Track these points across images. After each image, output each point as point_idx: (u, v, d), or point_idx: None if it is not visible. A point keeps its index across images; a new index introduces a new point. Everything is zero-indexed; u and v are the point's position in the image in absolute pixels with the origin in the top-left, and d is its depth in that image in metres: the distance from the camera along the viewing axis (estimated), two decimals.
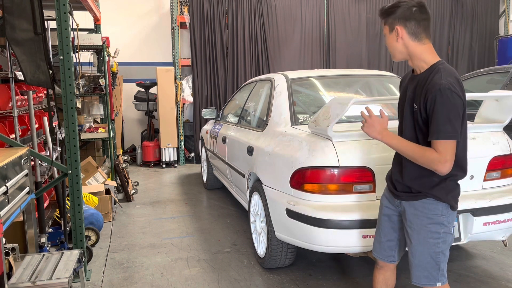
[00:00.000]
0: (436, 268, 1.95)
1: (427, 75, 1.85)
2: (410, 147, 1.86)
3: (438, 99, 1.75)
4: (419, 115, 1.85)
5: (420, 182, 1.91)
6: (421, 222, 1.93)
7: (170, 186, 6.19)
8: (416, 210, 1.94)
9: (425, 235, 1.92)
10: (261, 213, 3.30)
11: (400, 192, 2.01)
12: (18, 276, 2.38)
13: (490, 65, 8.47)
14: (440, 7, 8.58)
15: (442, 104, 1.75)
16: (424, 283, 1.97)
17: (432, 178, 1.88)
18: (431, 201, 1.91)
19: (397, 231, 2.11)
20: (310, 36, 8.02)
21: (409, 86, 1.96)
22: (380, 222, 2.17)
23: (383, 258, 2.17)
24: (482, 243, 3.63)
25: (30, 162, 2.82)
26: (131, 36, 8.03)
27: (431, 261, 1.94)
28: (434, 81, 1.78)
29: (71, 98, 2.94)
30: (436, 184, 1.89)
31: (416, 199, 1.94)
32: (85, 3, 4.77)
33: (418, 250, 1.95)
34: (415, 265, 1.97)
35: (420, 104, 1.83)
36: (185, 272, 3.27)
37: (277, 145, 3.09)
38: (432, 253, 1.93)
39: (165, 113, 7.42)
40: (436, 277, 1.96)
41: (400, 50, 1.91)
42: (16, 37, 2.80)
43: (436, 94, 1.75)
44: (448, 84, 1.74)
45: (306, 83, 3.78)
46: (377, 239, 2.20)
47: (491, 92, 2.85)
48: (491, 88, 4.74)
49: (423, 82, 1.84)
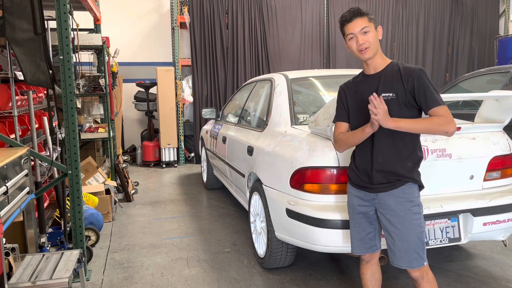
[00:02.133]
0: (422, 247, 2.10)
1: (393, 68, 2.09)
2: (423, 122, 2.00)
3: (424, 76, 2.01)
4: (398, 100, 2.03)
5: (400, 168, 2.08)
6: (404, 207, 2.08)
7: (170, 186, 6.19)
8: (398, 197, 2.08)
9: (409, 218, 2.07)
10: (261, 213, 3.30)
11: (377, 184, 2.11)
12: (18, 276, 2.38)
13: (490, 65, 8.47)
14: (440, 7, 8.59)
15: (428, 81, 2.01)
16: (415, 265, 2.10)
17: (408, 163, 2.08)
18: (410, 186, 2.09)
19: (373, 223, 2.24)
20: (310, 36, 8.02)
21: (365, 87, 2.14)
22: (355, 221, 2.27)
23: (367, 250, 2.28)
24: (482, 243, 3.63)
25: (30, 162, 2.82)
26: (131, 36, 8.03)
27: (418, 241, 2.08)
28: (409, 68, 2.05)
29: (71, 98, 2.94)
30: (411, 169, 2.09)
31: (396, 187, 2.08)
32: (85, 3, 4.77)
33: (406, 234, 2.07)
34: (405, 250, 2.09)
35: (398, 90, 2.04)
36: (185, 272, 3.27)
37: (277, 145, 3.09)
38: (418, 234, 2.08)
39: (165, 113, 7.42)
40: (423, 257, 2.11)
41: (377, 47, 2.11)
42: (16, 37, 2.80)
43: (420, 74, 2.01)
44: (422, 68, 2.05)
45: (306, 83, 3.78)
46: (355, 237, 2.29)
47: (491, 92, 2.85)
48: (491, 88, 4.73)
49: (393, 74, 2.07)
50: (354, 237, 2.30)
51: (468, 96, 4.81)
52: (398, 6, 8.40)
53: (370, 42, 2.07)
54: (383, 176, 2.10)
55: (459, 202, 2.62)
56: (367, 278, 2.37)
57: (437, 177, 2.69)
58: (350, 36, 2.10)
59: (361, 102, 2.14)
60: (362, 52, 2.08)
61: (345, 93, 2.26)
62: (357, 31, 2.07)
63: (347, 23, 2.10)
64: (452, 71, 8.77)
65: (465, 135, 2.77)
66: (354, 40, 2.09)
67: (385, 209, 2.12)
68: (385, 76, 2.09)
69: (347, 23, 2.10)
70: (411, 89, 2.01)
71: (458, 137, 2.74)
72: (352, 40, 2.10)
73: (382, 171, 2.10)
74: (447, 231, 2.63)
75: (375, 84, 2.11)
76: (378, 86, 2.09)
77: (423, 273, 2.12)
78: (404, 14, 8.44)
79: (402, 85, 2.03)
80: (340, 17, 2.15)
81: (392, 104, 2.03)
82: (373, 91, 2.05)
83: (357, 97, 2.18)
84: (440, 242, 2.61)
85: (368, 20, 2.08)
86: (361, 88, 2.18)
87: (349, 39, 2.11)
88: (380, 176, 2.10)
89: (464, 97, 4.89)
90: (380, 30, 2.13)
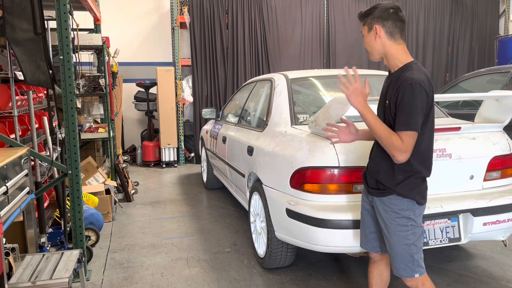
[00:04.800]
0: (410, 260, 2.03)
1: (400, 72, 1.95)
2: (381, 127, 1.91)
3: (408, 91, 1.85)
4: (389, 110, 1.96)
5: (385, 178, 2.02)
6: (389, 216, 2.04)
7: (170, 186, 6.19)
8: (385, 206, 2.05)
9: (394, 228, 2.03)
10: (261, 213, 3.30)
11: (371, 188, 2.12)
12: (18, 276, 2.38)
13: (490, 65, 8.47)
14: (440, 7, 8.58)
15: (411, 97, 1.85)
16: (403, 274, 2.06)
17: (397, 176, 1.99)
18: (397, 197, 2.01)
19: (377, 224, 2.21)
20: (310, 36, 8.02)
21: (384, 85, 2.08)
22: (362, 216, 2.27)
23: (370, 248, 2.28)
24: (482, 243, 3.63)
25: (30, 162, 2.82)
26: (131, 36, 8.02)
27: (404, 253, 2.02)
28: (406, 76, 1.90)
29: (71, 98, 2.94)
30: (400, 182, 1.99)
31: (383, 195, 2.05)
32: (85, 3, 4.77)
33: (392, 243, 2.05)
34: (392, 257, 2.08)
35: (391, 98, 1.94)
36: (185, 272, 3.27)
37: (277, 145, 3.09)
38: (404, 245, 2.02)
39: (165, 113, 7.42)
40: (413, 269, 2.04)
41: (377, 48, 2.01)
42: (16, 37, 2.80)
43: (407, 87, 1.86)
44: (419, 80, 1.86)
45: (306, 83, 3.78)
46: (362, 232, 2.30)
47: (491, 92, 2.84)
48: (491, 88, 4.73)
49: (396, 79, 1.95)
50: (361, 231, 2.31)
51: (468, 96, 4.82)
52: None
53: (370, 46, 2.04)
54: (374, 182, 2.10)
55: (459, 202, 2.62)
56: (372, 277, 2.35)
57: (437, 177, 2.68)
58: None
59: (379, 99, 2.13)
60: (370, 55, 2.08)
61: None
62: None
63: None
64: (452, 71, 8.77)
65: (465, 135, 2.77)
66: None
67: (377, 213, 2.13)
68: (392, 80, 2.00)
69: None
70: (395, 100, 1.91)
71: (458, 137, 2.74)
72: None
73: (373, 177, 2.11)
74: (447, 231, 2.64)
75: (385, 86, 2.06)
76: (384, 89, 2.06)
77: (417, 283, 2.06)
78: (404, 14, 8.41)
79: (395, 93, 1.93)
80: None
81: (387, 111, 1.98)
82: (384, 93, 2.04)
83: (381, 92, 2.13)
84: (440, 242, 2.61)
85: (363, 23, 2.06)
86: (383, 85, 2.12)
87: None
88: (372, 181, 2.11)
89: (464, 97, 4.89)
90: (377, 30, 1.98)
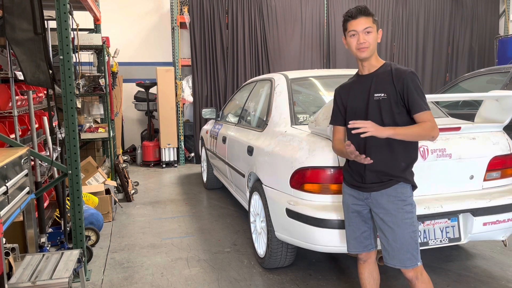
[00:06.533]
0: (415, 247, 2.10)
1: (385, 69, 2.12)
2: (415, 128, 2.02)
3: (414, 79, 2.04)
4: (389, 101, 2.06)
5: (391, 167, 2.10)
6: (397, 206, 2.09)
7: (170, 186, 6.19)
8: (390, 196, 2.10)
9: (402, 217, 2.08)
10: (261, 213, 3.30)
11: (369, 184, 2.13)
12: (18, 276, 2.38)
13: (490, 65, 8.47)
14: (440, 7, 8.59)
15: (416, 85, 2.04)
16: (408, 264, 2.10)
17: (401, 163, 2.10)
18: (402, 185, 2.10)
19: (368, 222, 2.26)
20: (310, 36, 8.03)
21: (358, 87, 2.18)
22: (350, 220, 2.29)
23: (363, 249, 2.29)
24: (482, 243, 3.63)
25: (30, 162, 2.82)
26: (131, 36, 8.03)
27: (410, 241, 2.09)
28: (401, 69, 2.07)
29: (71, 98, 2.94)
30: (404, 169, 2.11)
31: (388, 186, 2.10)
32: (85, 3, 4.77)
33: (399, 233, 2.08)
34: (398, 249, 2.10)
35: (389, 91, 2.06)
36: (185, 272, 3.27)
37: (277, 145, 3.09)
38: (411, 233, 2.09)
39: (165, 113, 7.42)
40: (417, 257, 2.11)
41: (375, 47, 2.13)
42: (16, 37, 2.80)
43: (410, 75, 2.04)
44: (413, 71, 2.07)
45: (306, 83, 3.78)
46: (351, 236, 2.31)
47: (491, 92, 2.84)
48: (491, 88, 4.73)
49: (385, 75, 2.09)
50: (349, 236, 2.31)
51: (468, 96, 4.81)
52: (398, 6, 8.40)
53: (370, 43, 2.09)
54: (376, 176, 2.11)
55: (459, 202, 2.62)
56: (364, 278, 2.38)
57: (437, 177, 2.69)
58: (352, 32, 2.10)
59: (354, 102, 2.19)
60: (360, 51, 2.10)
61: (341, 96, 2.28)
62: (360, 29, 2.08)
63: (351, 20, 2.10)
64: (452, 71, 8.77)
65: (465, 135, 2.77)
66: (355, 38, 2.10)
67: (378, 208, 2.13)
68: (377, 77, 2.12)
69: (352, 20, 2.10)
70: (400, 91, 2.04)
71: (458, 137, 2.74)
72: (353, 37, 2.11)
73: (374, 171, 2.11)
74: (447, 231, 2.64)
75: (368, 85, 2.14)
76: (371, 87, 2.12)
77: (417, 273, 2.12)
78: (404, 14, 8.44)
79: (393, 86, 2.06)
80: (346, 12, 2.15)
81: (383, 104, 2.07)
82: (366, 91, 2.13)
83: (351, 97, 2.21)
84: (440, 242, 2.62)
85: (373, 21, 2.10)
86: (354, 88, 2.21)
87: (350, 35, 2.12)
88: (373, 176, 2.12)
89: (464, 97, 4.89)
90: (380, 33, 2.16)
